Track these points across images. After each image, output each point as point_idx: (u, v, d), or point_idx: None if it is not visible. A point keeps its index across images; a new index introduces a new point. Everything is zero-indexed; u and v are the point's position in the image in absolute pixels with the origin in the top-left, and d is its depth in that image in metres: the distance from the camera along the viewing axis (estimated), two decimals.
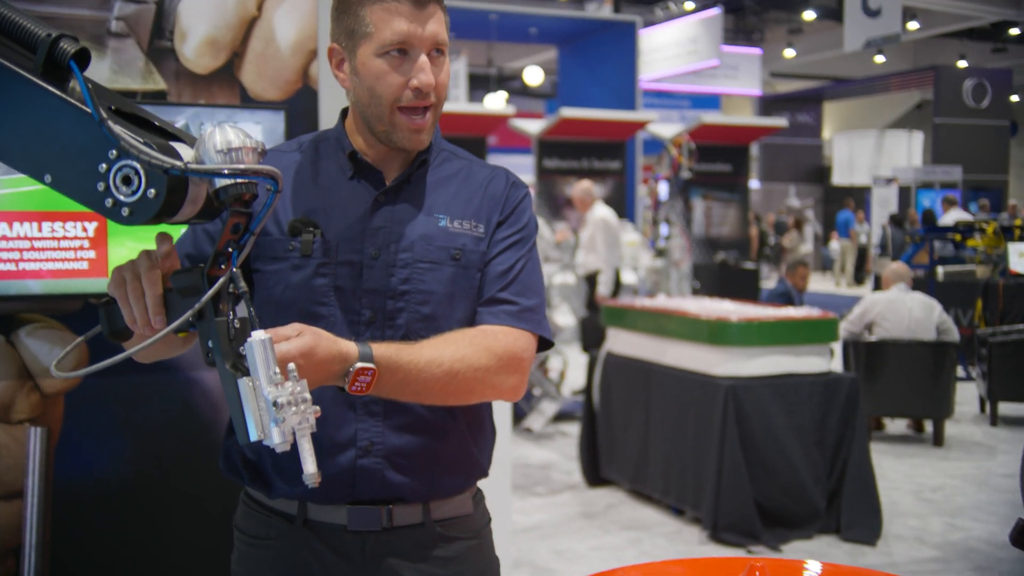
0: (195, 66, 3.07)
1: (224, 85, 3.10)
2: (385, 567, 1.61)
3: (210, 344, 1.27)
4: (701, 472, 4.93)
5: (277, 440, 1.20)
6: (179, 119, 2.98)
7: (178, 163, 1.17)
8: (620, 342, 5.76)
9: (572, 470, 6.17)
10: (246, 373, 1.22)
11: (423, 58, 1.55)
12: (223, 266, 1.29)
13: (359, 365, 1.40)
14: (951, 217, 13.33)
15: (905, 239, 12.12)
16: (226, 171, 1.20)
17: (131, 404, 3.04)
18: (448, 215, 1.64)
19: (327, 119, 3.19)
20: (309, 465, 1.23)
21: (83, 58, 1.21)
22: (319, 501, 1.60)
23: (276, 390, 1.20)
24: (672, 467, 5.21)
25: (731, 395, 4.75)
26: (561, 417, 7.54)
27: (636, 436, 5.50)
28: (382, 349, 1.45)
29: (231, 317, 1.28)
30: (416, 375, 1.48)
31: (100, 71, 2.96)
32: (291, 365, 1.23)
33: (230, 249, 1.30)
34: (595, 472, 5.89)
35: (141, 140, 1.19)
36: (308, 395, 1.23)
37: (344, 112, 1.73)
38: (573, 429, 7.20)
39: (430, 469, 1.62)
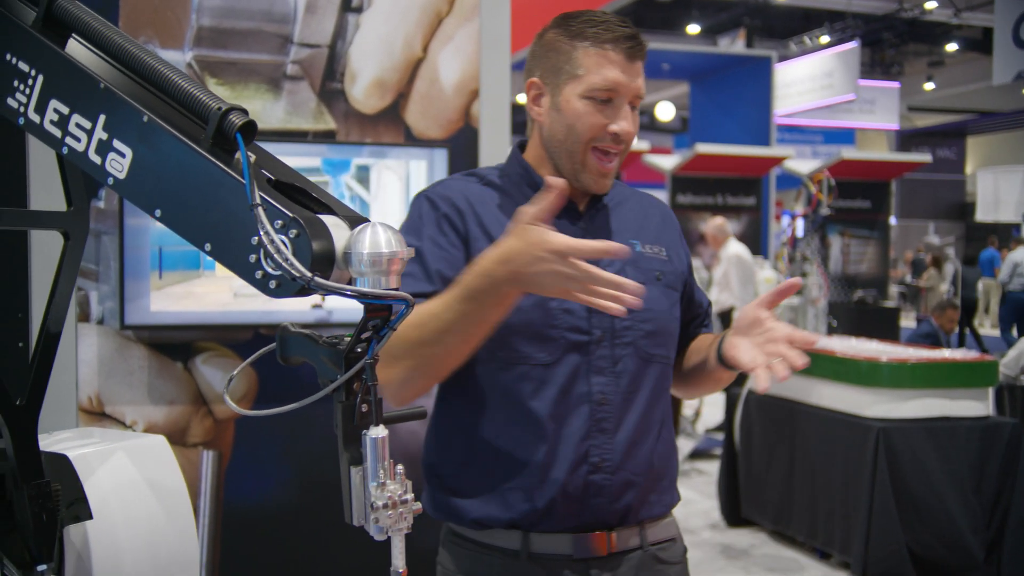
0: (363, 106, 3.18)
1: (390, 124, 3.20)
2: None
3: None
4: (850, 515, 4.77)
5: (374, 533, 1.25)
6: (349, 159, 3.09)
7: (306, 274, 1.18)
8: None
9: (711, 509, 6.06)
10: (359, 461, 1.26)
11: (625, 107, 1.62)
12: (360, 348, 1.29)
13: None
14: (1021, 255, 12.98)
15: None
16: (348, 292, 1.21)
17: (297, 431, 3.15)
18: (639, 240, 1.73)
19: (487, 157, 3.26)
20: (397, 561, 1.27)
21: (249, 131, 1.26)
22: (548, 529, 1.61)
23: (377, 492, 1.24)
24: (819, 509, 5.06)
25: (883, 437, 4.59)
26: (696, 455, 7.42)
27: (779, 476, 5.37)
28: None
29: (358, 400, 1.28)
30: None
31: (275, 112, 3.10)
32: (399, 467, 1.26)
33: (366, 336, 1.28)
34: (735, 511, 5.77)
35: (288, 216, 1.21)
36: (410, 496, 1.26)
37: (520, 147, 1.77)
38: (708, 467, 7.09)
39: (648, 487, 1.66)
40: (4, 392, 1.48)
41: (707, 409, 8.54)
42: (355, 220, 1.34)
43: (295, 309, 3.10)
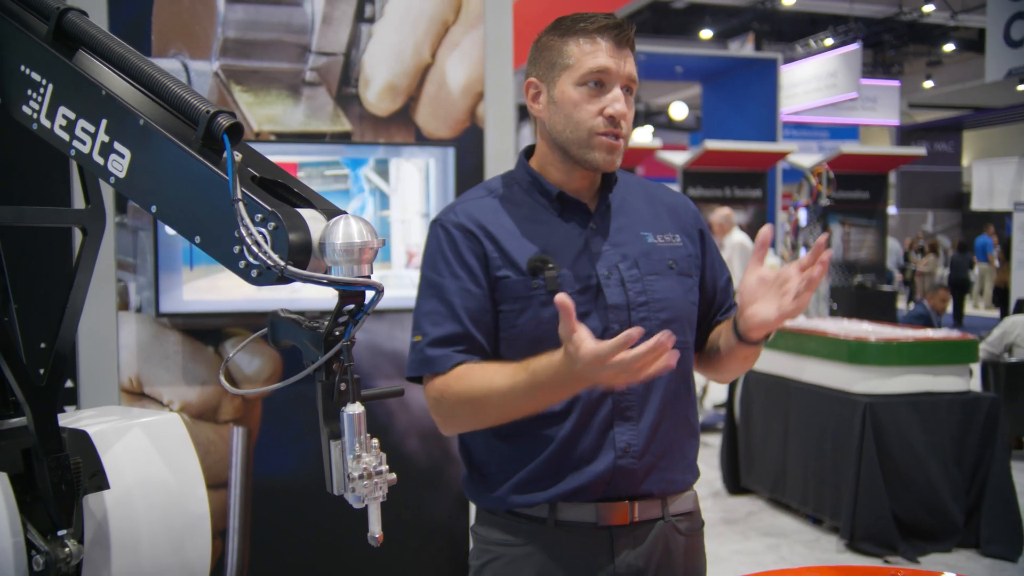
0: (376, 109, 3.19)
1: (401, 126, 3.20)
2: (629, 559, 1.62)
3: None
4: (839, 484, 4.74)
5: (352, 501, 1.26)
6: (366, 157, 3.10)
7: (279, 263, 1.19)
8: (761, 360, 5.61)
9: (713, 479, 6.03)
10: (338, 436, 1.26)
11: (617, 90, 1.59)
12: (337, 332, 1.29)
13: None
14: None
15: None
16: (321, 280, 1.22)
17: None
18: (651, 231, 1.69)
19: (492, 154, 3.25)
20: (374, 527, 1.29)
21: (236, 132, 1.27)
22: (574, 500, 1.61)
23: (354, 464, 1.25)
24: (810, 478, 5.03)
25: (869, 411, 4.55)
26: (704, 429, 7.38)
27: (775, 448, 5.34)
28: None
29: (336, 379, 1.28)
30: None
31: (296, 116, 3.11)
32: (374, 441, 1.27)
33: (344, 320, 1.28)
34: (736, 481, 5.76)
35: (267, 210, 1.21)
36: (384, 467, 1.27)
37: (526, 153, 1.74)
38: (713, 440, 7.05)
39: (670, 466, 1.65)
40: (26, 374, 1.50)
41: (713, 386, 8.49)
42: (332, 213, 1.34)
43: (316, 297, 3.11)
